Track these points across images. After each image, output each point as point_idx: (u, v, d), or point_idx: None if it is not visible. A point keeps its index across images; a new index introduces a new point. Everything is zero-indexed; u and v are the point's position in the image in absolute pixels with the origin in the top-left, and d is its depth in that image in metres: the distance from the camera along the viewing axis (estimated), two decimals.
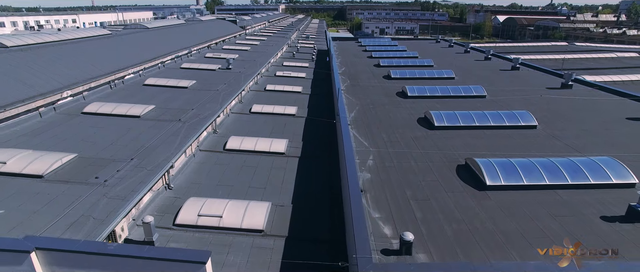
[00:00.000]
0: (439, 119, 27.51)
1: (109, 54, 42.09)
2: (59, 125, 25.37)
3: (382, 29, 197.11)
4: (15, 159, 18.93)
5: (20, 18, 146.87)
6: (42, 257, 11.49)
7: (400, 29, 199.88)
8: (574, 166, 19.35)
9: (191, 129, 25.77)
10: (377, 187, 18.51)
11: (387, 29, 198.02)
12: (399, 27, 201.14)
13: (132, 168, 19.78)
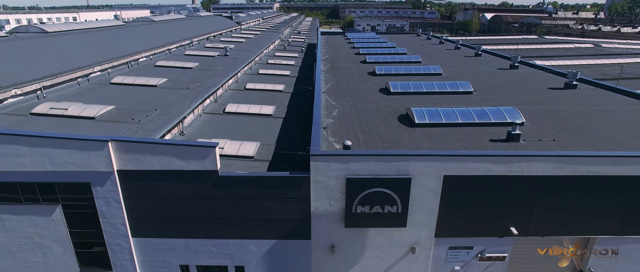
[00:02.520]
0: (395, 86, 34.71)
1: (125, 41, 49.00)
2: (94, 91, 32.31)
3: (373, 26, 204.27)
4: (73, 107, 25.93)
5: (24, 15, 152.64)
6: (115, 146, 18.57)
7: (390, 26, 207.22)
8: (483, 112, 26.57)
9: (197, 94, 32.75)
10: (335, 125, 25.66)
11: (378, 26, 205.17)
12: (389, 25, 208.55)
13: (157, 115, 26.81)
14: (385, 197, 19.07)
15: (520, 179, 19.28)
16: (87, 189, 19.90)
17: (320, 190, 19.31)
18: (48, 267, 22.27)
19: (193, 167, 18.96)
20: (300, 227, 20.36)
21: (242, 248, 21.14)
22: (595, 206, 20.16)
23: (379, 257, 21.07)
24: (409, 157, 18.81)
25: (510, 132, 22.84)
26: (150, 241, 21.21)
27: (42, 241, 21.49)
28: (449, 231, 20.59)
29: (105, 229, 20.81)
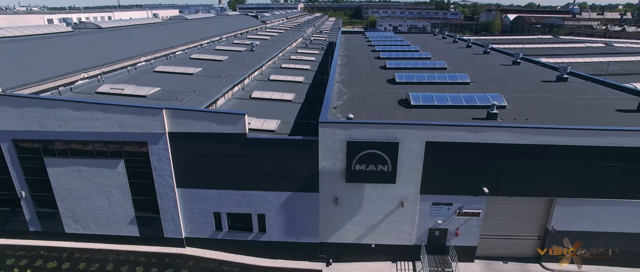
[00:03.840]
0: (400, 77, 39.30)
1: (164, 36, 55.06)
2: (141, 77, 38.07)
3: (395, 26, 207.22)
4: (128, 88, 31.65)
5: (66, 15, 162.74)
6: (167, 113, 23.99)
7: (412, 27, 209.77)
8: (471, 97, 30.97)
9: (227, 82, 38.09)
10: (344, 106, 30.52)
11: (399, 27, 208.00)
12: (411, 25, 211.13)
13: (195, 96, 32.23)
14: (378, 157, 23.85)
15: (490, 146, 23.72)
16: (144, 147, 25.46)
17: (327, 151, 24.26)
18: (111, 210, 28.03)
19: (227, 130, 24.24)
20: (310, 182, 25.38)
21: (263, 199, 26.32)
22: (556, 171, 24.36)
23: (374, 209, 25.86)
24: (397, 126, 23.57)
25: (489, 112, 27.20)
26: (190, 191, 26.66)
27: (108, 188, 27.23)
28: (432, 189, 25.19)
29: (156, 180, 26.36)
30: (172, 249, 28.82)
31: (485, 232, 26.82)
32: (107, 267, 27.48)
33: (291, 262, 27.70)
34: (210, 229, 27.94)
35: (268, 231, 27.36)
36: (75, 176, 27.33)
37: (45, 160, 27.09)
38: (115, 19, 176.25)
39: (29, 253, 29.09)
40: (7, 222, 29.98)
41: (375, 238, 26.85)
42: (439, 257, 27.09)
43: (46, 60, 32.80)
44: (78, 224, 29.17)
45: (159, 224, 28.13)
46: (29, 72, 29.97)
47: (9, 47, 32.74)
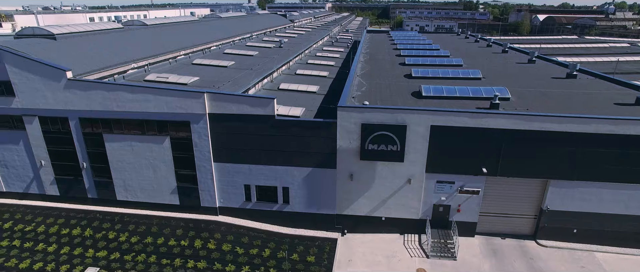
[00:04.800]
0: (416, 72, 42.45)
1: (200, 33, 59.81)
2: (181, 69, 42.56)
3: (422, 27, 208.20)
4: (172, 76, 36.07)
5: (105, 14, 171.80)
6: (208, 97, 28.15)
7: (439, 27, 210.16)
8: (479, 90, 33.93)
9: (258, 74, 42.12)
10: (361, 96, 34.01)
11: (426, 27, 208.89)
12: (438, 26, 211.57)
13: (229, 85, 36.35)
14: (388, 138, 27.30)
15: (488, 131, 26.81)
16: (187, 126, 29.75)
17: (344, 132, 27.89)
18: (156, 181, 32.49)
19: (258, 112, 28.23)
20: (329, 159, 29.06)
21: (287, 173, 30.18)
22: (549, 155, 27.19)
23: (384, 185, 29.30)
24: (405, 111, 26.97)
25: (492, 102, 30.14)
26: (225, 165, 30.80)
27: (155, 162, 31.68)
28: (436, 168, 28.43)
29: (196, 155, 30.62)
30: (207, 216, 33.11)
31: (484, 210, 29.85)
32: (152, 229, 31.96)
33: (311, 232, 31.45)
34: (240, 199, 32.05)
35: (291, 202, 31.22)
36: (128, 150, 31.94)
37: (104, 136, 31.81)
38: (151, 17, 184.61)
39: (87, 216, 33.97)
40: (70, 189, 34.95)
41: (385, 212, 30.30)
42: (442, 231, 30.28)
43: (104, 51, 37.68)
44: (128, 192, 33.82)
45: (197, 194, 32.45)
46: (92, 61, 34.79)
47: (76, 41, 37.78)
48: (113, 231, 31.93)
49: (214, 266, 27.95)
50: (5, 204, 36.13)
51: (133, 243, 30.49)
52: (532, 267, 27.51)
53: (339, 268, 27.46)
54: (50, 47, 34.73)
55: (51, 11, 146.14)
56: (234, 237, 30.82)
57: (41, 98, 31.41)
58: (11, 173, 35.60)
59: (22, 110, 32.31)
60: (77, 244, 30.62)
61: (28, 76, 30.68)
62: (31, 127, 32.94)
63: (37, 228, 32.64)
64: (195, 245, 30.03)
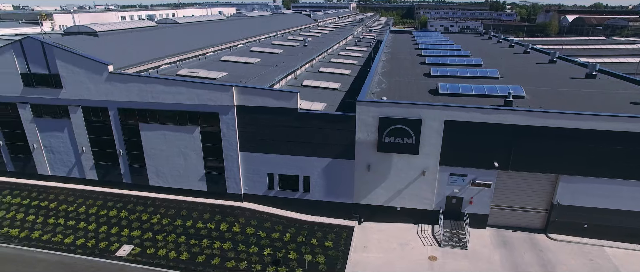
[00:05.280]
0: (435, 71, 43.73)
1: (228, 31, 62.50)
2: (210, 64, 45.00)
3: (446, 27, 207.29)
4: (202, 72, 38.48)
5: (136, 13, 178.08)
6: (236, 90, 30.34)
7: (464, 27, 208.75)
8: (494, 88, 35.09)
9: (282, 70, 44.21)
10: (381, 92, 35.64)
11: (451, 27, 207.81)
12: (463, 26, 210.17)
13: (256, 81, 38.50)
14: (404, 131, 28.89)
15: (500, 127, 28.06)
16: (216, 117, 32.02)
17: (362, 125, 29.62)
18: (186, 168, 34.96)
19: (282, 105, 30.25)
20: (348, 150, 30.84)
21: (308, 163, 32.11)
22: (559, 150, 28.22)
23: (400, 176, 30.89)
24: (420, 106, 28.51)
25: (506, 100, 31.30)
26: (250, 154, 32.97)
27: (186, 150, 34.11)
28: (450, 161, 29.84)
29: (224, 144, 32.88)
30: (232, 202, 35.38)
31: (496, 203, 31.06)
32: (181, 212, 34.43)
33: (329, 219, 33.31)
34: (264, 187, 34.17)
35: (312, 191, 33.14)
36: (161, 139, 34.48)
37: (140, 125, 34.43)
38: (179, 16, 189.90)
39: (122, 199, 36.75)
40: (107, 174, 37.81)
41: (400, 202, 31.87)
42: (455, 222, 31.65)
43: (140, 47, 40.52)
44: (160, 178, 36.40)
45: (223, 181, 34.74)
46: (130, 56, 37.58)
47: (115, 38, 40.79)
48: (146, 213, 34.54)
49: (238, 247, 30.13)
50: (50, 187, 39.32)
51: (164, 225, 32.99)
52: (541, 259, 28.62)
53: (354, 252, 29.21)
54: (93, 44, 37.68)
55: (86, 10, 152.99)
56: (257, 222, 32.96)
57: (85, 90, 34.27)
58: (56, 158, 38.72)
59: (68, 101, 35.27)
60: (113, 224, 33.34)
61: (74, 70, 33.56)
62: (75, 116, 35.89)
63: (79, 209, 35.58)
64: (221, 228, 32.31)
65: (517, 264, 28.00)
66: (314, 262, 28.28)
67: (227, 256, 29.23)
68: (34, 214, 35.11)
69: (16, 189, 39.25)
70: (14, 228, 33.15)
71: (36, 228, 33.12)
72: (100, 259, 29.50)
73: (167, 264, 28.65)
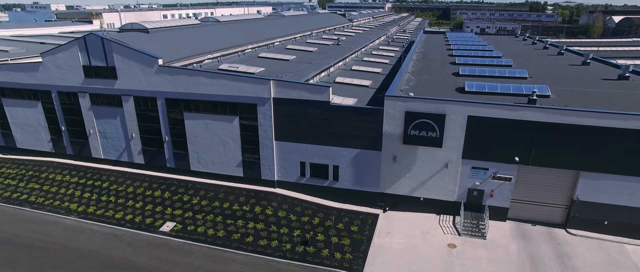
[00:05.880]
0: (464, 70, 45.02)
1: (265, 29, 65.68)
2: (249, 60, 48.02)
3: (483, 28, 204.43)
4: (241, 67, 41.44)
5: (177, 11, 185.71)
6: (273, 83, 33.00)
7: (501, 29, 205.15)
8: (520, 87, 36.21)
9: (316, 67, 46.65)
10: (409, 89, 37.42)
11: (487, 29, 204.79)
12: (499, 27, 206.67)
13: (291, 76, 41.08)
14: (428, 125, 30.67)
15: (522, 123, 29.38)
16: (254, 108, 34.81)
17: (389, 118, 31.62)
18: (225, 155, 37.97)
19: (315, 98, 32.67)
20: (375, 142, 32.90)
21: (338, 153, 34.38)
22: (581, 147, 29.19)
23: (424, 167, 32.67)
24: (444, 102, 30.22)
25: (529, 98, 32.51)
26: (284, 143, 35.57)
27: (225, 138, 37.10)
28: (472, 155, 31.36)
29: (260, 134, 35.63)
30: (266, 188, 38.12)
31: (516, 197, 32.31)
32: (219, 195, 37.43)
33: (356, 207, 35.45)
34: (296, 175, 36.71)
35: (340, 179, 35.39)
36: (202, 127, 37.61)
37: (184, 114, 37.67)
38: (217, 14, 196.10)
39: (166, 182, 40.19)
40: (153, 159, 41.40)
41: (423, 192, 33.64)
42: (475, 213, 33.12)
43: (186, 43, 44.00)
44: (200, 163, 39.60)
45: (258, 168, 37.52)
46: (177, 51, 41.04)
47: (164, 34, 44.52)
48: (187, 195, 37.76)
49: (270, 227, 32.76)
50: (103, 169, 43.38)
51: (203, 206, 36.07)
52: (558, 250, 29.73)
53: (378, 237, 31.26)
54: (145, 39, 41.34)
55: (131, 9, 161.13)
56: (288, 207, 35.52)
57: (137, 81, 37.83)
58: (109, 143, 42.67)
59: (122, 91, 38.98)
60: (158, 203, 36.72)
61: (129, 63, 37.15)
62: (127, 105, 39.57)
63: (127, 189, 39.25)
64: (255, 210, 35.06)
65: (534, 254, 29.26)
66: (340, 244, 30.52)
67: (259, 235, 31.90)
68: (90, 192, 39.02)
69: (74, 169, 43.52)
70: (74, 203, 37.09)
71: (91, 204, 36.93)
72: (146, 232, 32.79)
73: (206, 240, 31.58)
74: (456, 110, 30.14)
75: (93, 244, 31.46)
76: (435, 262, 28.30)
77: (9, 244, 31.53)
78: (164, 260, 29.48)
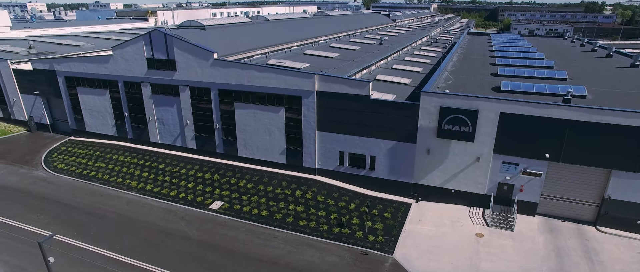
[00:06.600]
0: (502, 70, 45.99)
1: (310, 28, 68.86)
2: (295, 56, 51.08)
3: (532, 30, 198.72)
4: (288, 62, 44.53)
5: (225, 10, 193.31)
6: (318, 78, 35.80)
7: (551, 31, 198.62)
8: (556, 88, 37.06)
9: (358, 65, 49.03)
10: (446, 86, 39.13)
11: (536, 30, 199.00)
12: (550, 29, 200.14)
13: (335, 72, 43.69)
14: (461, 121, 32.43)
15: (553, 121, 30.56)
16: (299, 100, 37.76)
17: (425, 113, 33.63)
18: (271, 143, 41.21)
19: (356, 92, 35.18)
20: (410, 135, 34.99)
21: (375, 144, 36.72)
22: (613, 146, 29.96)
23: (456, 161, 34.41)
24: (478, 98, 31.88)
25: (564, 98, 33.43)
26: (325, 134, 38.33)
27: (271, 127, 40.33)
28: (503, 150, 32.80)
29: (304, 124, 38.55)
30: (307, 175, 41.04)
31: (546, 193, 33.39)
32: (263, 180, 40.71)
33: (390, 196, 37.64)
34: (335, 163, 39.37)
35: (376, 169, 37.72)
36: (251, 116, 41.00)
37: (235, 104, 41.21)
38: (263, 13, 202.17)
39: (215, 166, 43.98)
40: (204, 145, 45.34)
41: (455, 184, 35.36)
42: (505, 207, 34.46)
43: (238, 39, 47.74)
44: (247, 150, 43.07)
45: (300, 156, 40.47)
46: (230, 46, 44.80)
47: (219, 31, 48.53)
48: (234, 178, 41.30)
49: (309, 210, 35.59)
50: (159, 152, 47.90)
51: (249, 188, 39.44)
52: (586, 246, 30.67)
53: (409, 224, 33.37)
54: (201, 35, 45.35)
55: (183, 7, 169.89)
56: (327, 192, 38.25)
57: (193, 73, 41.74)
58: (165, 129, 47.04)
59: (179, 82, 43.07)
60: (208, 184, 40.46)
61: (187, 56, 41.12)
62: (183, 95, 43.64)
63: (180, 170, 43.34)
64: (296, 194, 38.02)
65: (560, 247, 30.40)
66: (373, 228, 32.88)
67: (299, 216, 34.80)
68: (147, 172, 43.41)
69: (134, 152, 48.29)
70: (134, 181, 41.53)
71: (149, 182, 41.21)
72: (197, 209, 36.49)
73: (250, 218, 34.84)
74: (488, 106, 31.72)
75: (151, 216, 35.49)
76: (463, 248, 30.12)
77: (85, 212, 36.15)
78: (213, 233, 32.98)
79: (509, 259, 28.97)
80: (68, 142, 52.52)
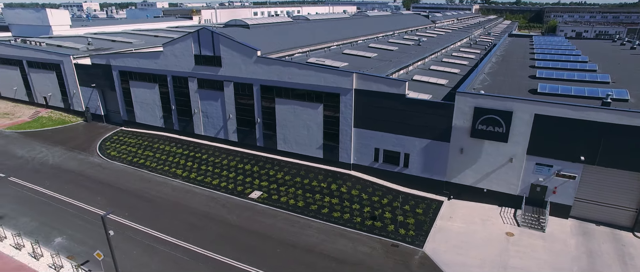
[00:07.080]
0: (541, 73, 45.82)
1: (349, 28, 70.43)
2: (334, 56, 52.71)
3: (579, 33, 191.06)
4: (327, 61, 46.20)
5: (266, 9, 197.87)
6: (356, 76, 37.32)
7: (601, 33, 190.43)
8: (596, 91, 36.86)
9: (396, 65, 50.11)
10: (482, 87, 39.62)
11: (585, 33, 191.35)
12: (599, 31, 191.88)
13: (372, 71, 44.99)
14: (495, 121, 33.03)
15: (590, 123, 30.68)
16: (337, 97, 39.40)
17: (459, 113, 34.44)
18: (308, 137, 43.07)
19: (392, 91, 36.43)
20: (444, 134, 35.88)
21: (410, 142, 37.83)
22: None
23: (489, 160, 34.99)
24: (512, 99, 32.40)
25: (603, 101, 33.33)
26: (361, 130, 39.78)
27: (309, 123, 42.18)
28: (537, 151, 33.11)
29: (341, 121, 40.17)
30: (342, 170, 42.62)
31: (580, 196, 33.40)
32: (300, 172, 42.61)
33: (422, 193, 38.63)
34: (370, 159, 40.76)
35: (410, 166, 38.81)
36: (290, 112, 42.99)
37: (276, 99, 43.34)
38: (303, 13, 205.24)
39: (255, 158, 46.32)
40: (245, 138, 47.79)
41: (487, 184, 35.93)
42: (537, 208, 34.70)
43: (280, 38, 49.97)
44: (286, 144, 45.12)
45: (337, 151, 42.11)
46: (272, 45, 47.05)
47: (262, 30, 50.96)
48: (272, 170, 43.44)
49: (344, 203, 37.15)
50: (202, 143, 50.85)
51: (286, 180, 41.44)
52: (621, 250, 30.58)
53: (440, 220, 34.30)
54: (246, 34, 47.81)
55: (226, 7, 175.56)
56: (361, 187, 39.68)
57: (237, 69, 44.19)
58: (209, 122, 49.86)
59: (224, 77, 45.67)
60: (248, 175, 42.77)
61: (232, 53, 43.61)
62: (227, 90, 46.22)
63: (222, 161, 45.92)
64: (331, 188, 39.67)
65: (593, 250, 30.49)
66: (405, 222, 34.05)
67: (334, 208, 36.43)
68: (192, 161, 46.27)
69: (179, 142, 51.45)
70: (179, 169, 44.44)
71: (193, 171, 43.98)
72: (237, 197, 38.78)
73: (287, 208, 36.75)
74: (523, 108, 32.18)
75: (195, 202, 38.08)
76: (492, 245, 30.82)
77: (135, 196, 39.25)
78: (252, 220, 35.13)
79: (539, 258, 29.43)
80: (119, 132, 56.49)
